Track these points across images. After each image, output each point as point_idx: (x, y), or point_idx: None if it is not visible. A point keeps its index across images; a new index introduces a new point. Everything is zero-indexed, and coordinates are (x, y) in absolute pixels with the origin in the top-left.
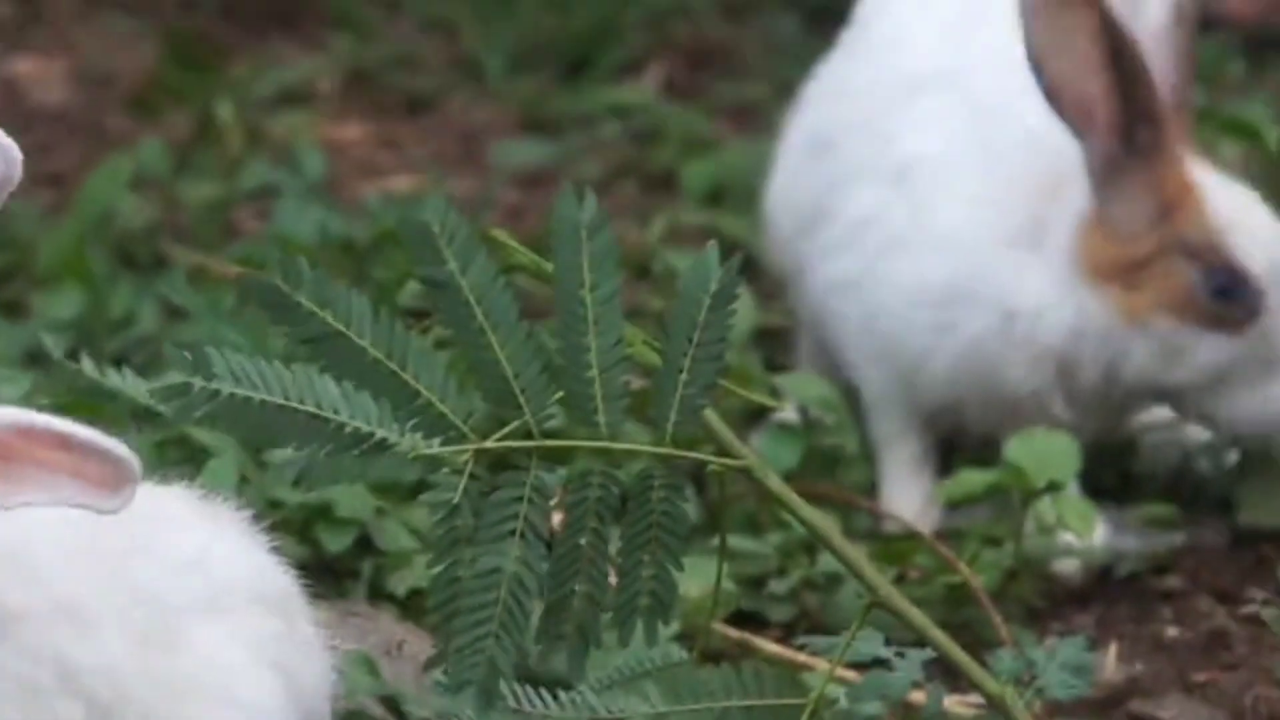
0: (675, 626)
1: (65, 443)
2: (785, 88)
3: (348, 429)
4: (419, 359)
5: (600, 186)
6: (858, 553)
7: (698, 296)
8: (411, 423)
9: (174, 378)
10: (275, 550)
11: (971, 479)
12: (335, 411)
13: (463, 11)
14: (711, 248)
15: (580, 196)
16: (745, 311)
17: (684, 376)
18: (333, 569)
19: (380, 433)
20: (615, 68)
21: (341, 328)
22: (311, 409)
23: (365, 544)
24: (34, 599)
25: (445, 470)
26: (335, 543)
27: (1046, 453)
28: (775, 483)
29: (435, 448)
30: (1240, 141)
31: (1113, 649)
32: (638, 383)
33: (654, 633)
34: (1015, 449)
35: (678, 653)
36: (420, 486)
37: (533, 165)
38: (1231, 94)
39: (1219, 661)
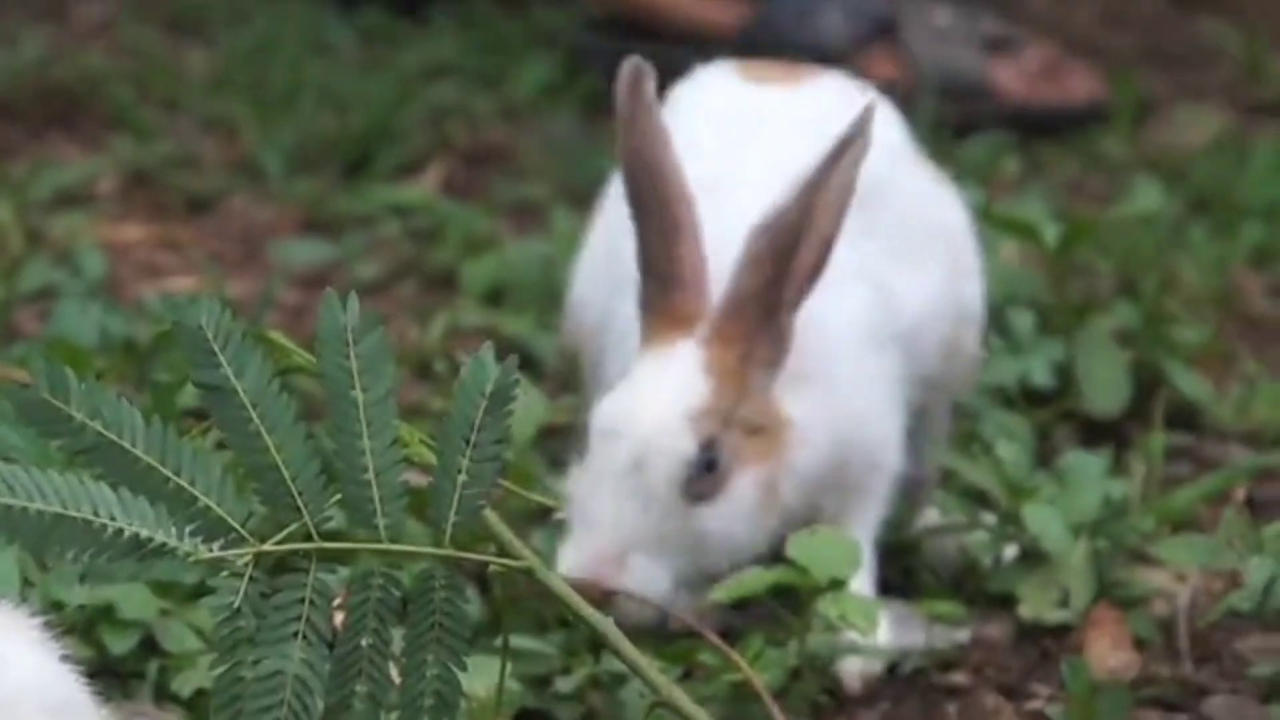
0: None
1: None
2: (564, 187)
3: (125, 534)
4: (194, 463)
5: (380, 285)
6: (640, 652)
7: (474, 396)
8: (190, 527)
9: None
10: (65, 657)
11: (753, 578)
12: (112, 518)
13: (242, 111)
14: (487, 347)
15: (343, 301)
16: (531, 410)
17: (462, 477)
18: (117, 670)
19: (158, 537)
20: (395, 167)
21: (114, 437)
22: (88, 515)
23: (150, 645)
24: None
25: (225, 573)
26: (119, 644)
27: (829, 550)
28: (556, 582)
29: (214, 551)
30: (1019, 239)
31: None
32: (421, 480)
33: None
34: (797, 547)
35: None
36: (203, 587)
37: (314, 265)
38: (1008, 191)
39: None
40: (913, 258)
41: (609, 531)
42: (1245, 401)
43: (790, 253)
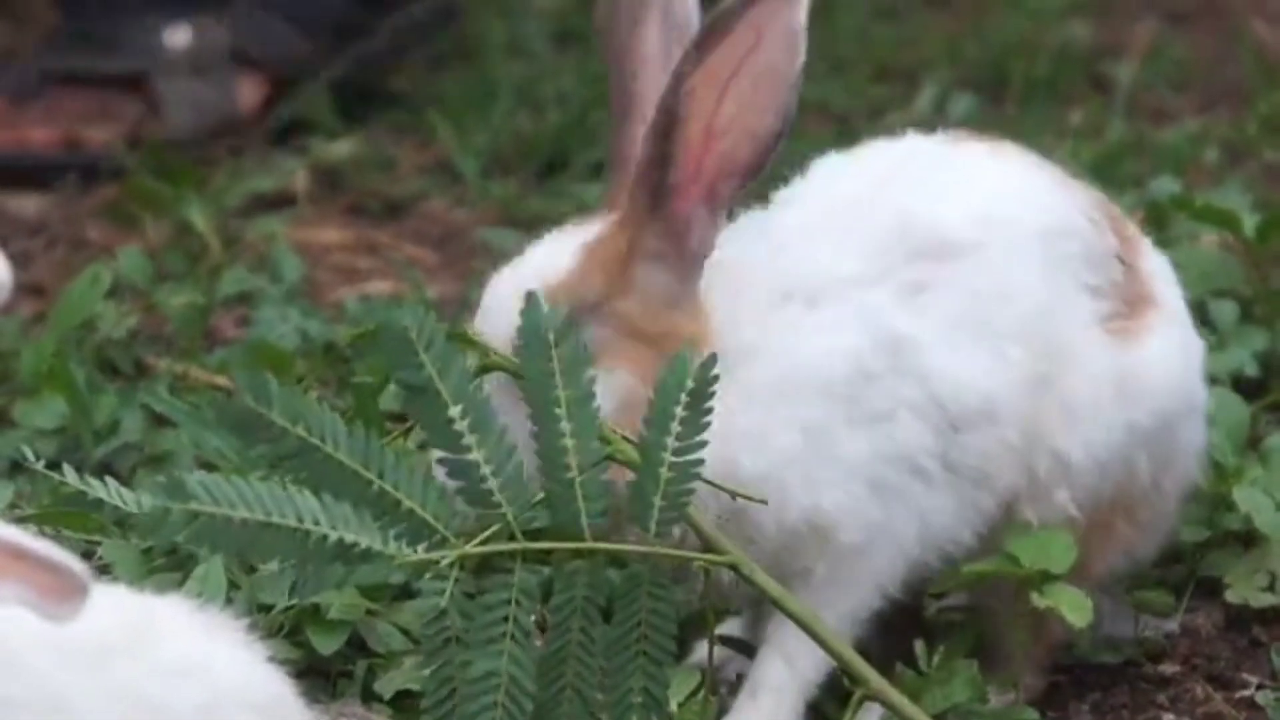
0: None
1: (18, 553)
2: (757, 184)
3: (330, 540)
4: (397, 467)
5: None
6: (844, 644)
7: (674, 393)
8: (394, 530)
9: (151, 505)
10: (270, 658)
11: (967, 570)
12: (316, 523)
13: (437, 115)
14: (688, 345)
15: (552, 304)
16: None
17: (665, 473)
18: (325, 670)
19: (363, 541)
20: (592, 166)
21: (316, 442)
22: (292, 523)
23: (357, 645)
24: (18, 690)
25: (430, 575)
26: (327, 645)
27: (1044, 544)
28: (762, 577)
29: (419, 554)
30: (1219, 228)
31: None
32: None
33: None
34: (1015, 542)
35: None
36: (409, 588)
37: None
38: (1207, 180)
39: None
40: (985, 339)
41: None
42: None
43: (668, 135)
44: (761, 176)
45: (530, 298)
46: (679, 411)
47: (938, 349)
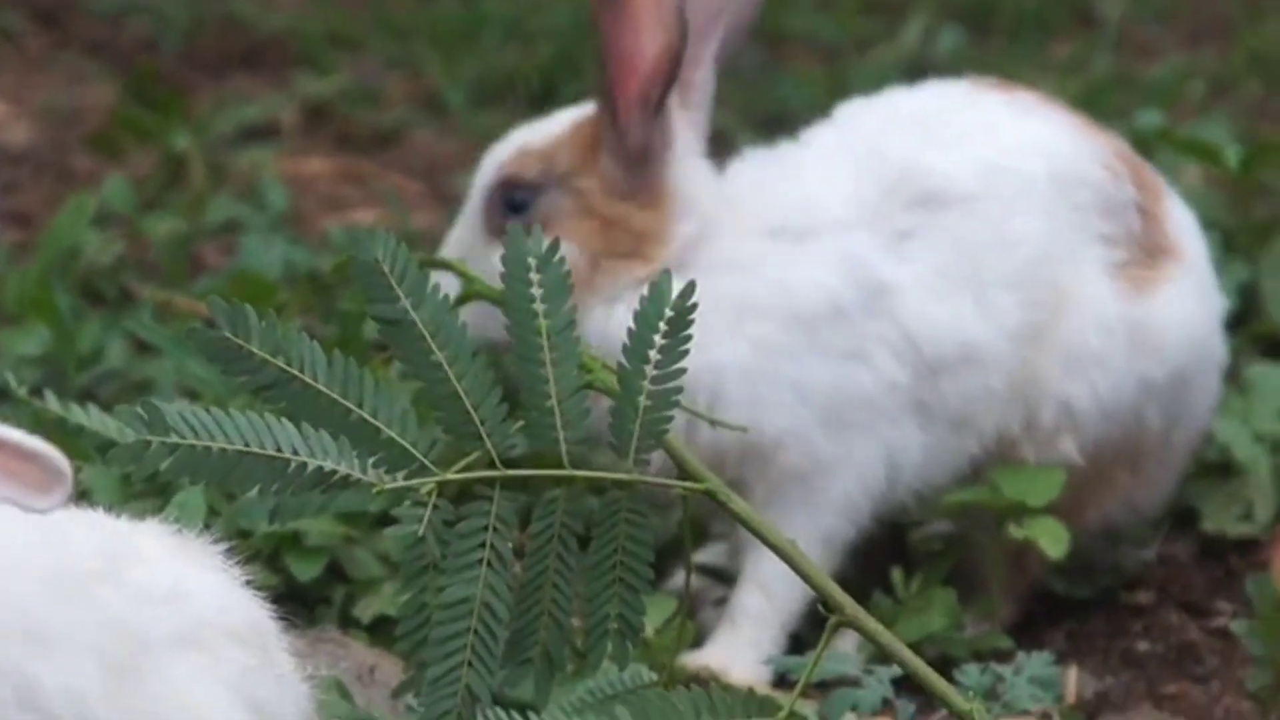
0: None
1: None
2: (748, 115)
3: (309, 468)
4: (376, 395)
5: None
6: (820, 571)
7: (653, 321)
8: (373, 458)
9: (130, 438)
10: (248, 582)
11: (953, 497)
12: (295, 452)
13: (425, 48)
14: (665, 273)
15: (529, 230)
16: None
17: (644, 401)
18: (304, 597)
19: (342, 469)
20: (578, 97)
21: (295, 372)
22: (271, 452)
23: (335, 571)
24: None
25: (409, 503)
26: (305, 571)
27: (1027, 478)
28: (740, 505)
29: (398, 481)
30: (1201, 162)
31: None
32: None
33: (624, 655)
34: (1000, 473)
35: (647, 675)
36: (388, 515)
37: None
38: (1192, 114)
39: (1189, 674)
40: (973, 286)
41: (450, 236)
42: None
43: (604, 41)
44: (708, 94)
45: (513, 229)
46: (658, 340)
47: (919, 295)
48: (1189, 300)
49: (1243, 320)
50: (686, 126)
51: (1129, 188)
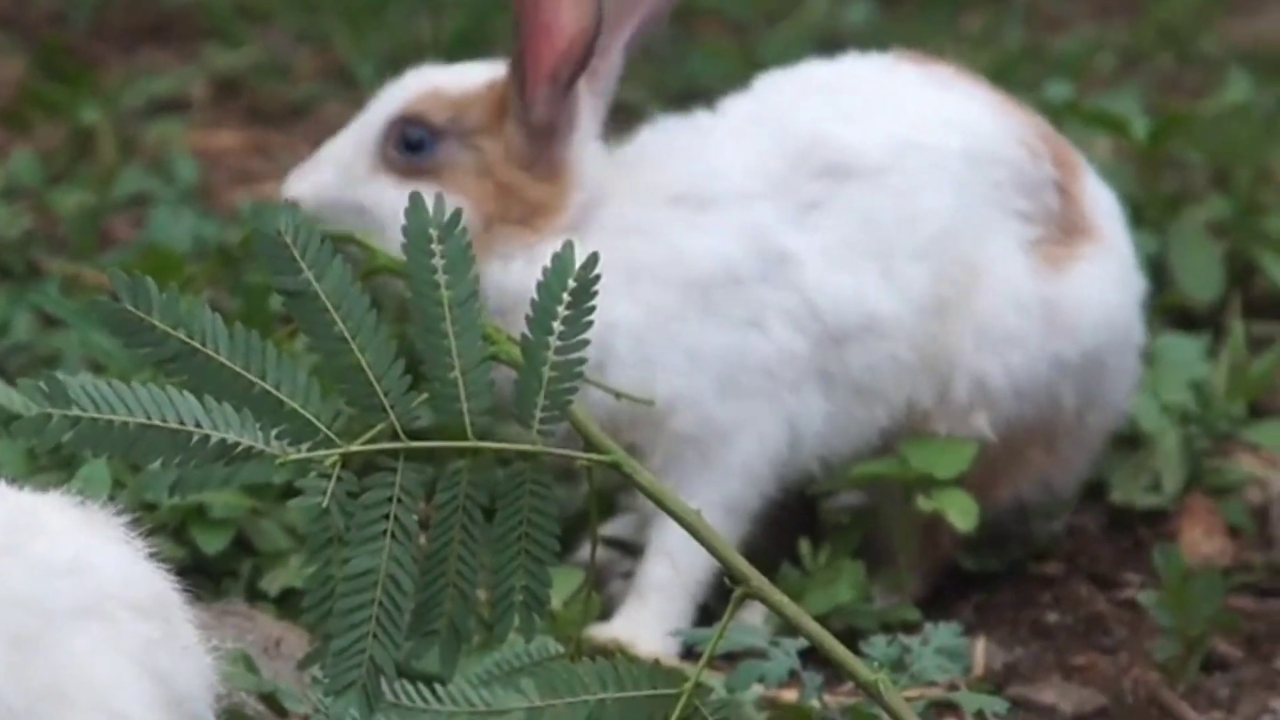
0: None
1: None
2: (658, 89)
3: (212, 441)
4: (279, 368)
5: None
6: (726, 543)
7: (557, 292)
8: (277, 430)
9: (32, 411)
10: (153, 554)
11: (857, 469)
12: (198, 425)
13: (334, 20)
14: (568, 244)
15: (430, 200)
16: None
17: (548, 371)
18: (209, 569)
19: (245, 441)
20: None
21: (197, 345)
22: (174, 425)
23: (242, 544)
24: None
25: (313, 474)
26: (211, 544)
27: (938, 451)
28: (645, 477)
29: (301, 453)
30: (1110, 134)
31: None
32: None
33: (531, 627)
34: (909, 446)
35: (554, 647)
36: (293, 487)
37: None
38: (1103, 86)
39: (1097, 645)
40: (878, 258)
41: (329, 146)
42: None
43: (520, 13)
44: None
45: (414, 197)
46: (561, 310)
47: (822, 265)
48: (1106, 280)
49: (1151, 292)
50: (590, 109)
51: (1047, 166)
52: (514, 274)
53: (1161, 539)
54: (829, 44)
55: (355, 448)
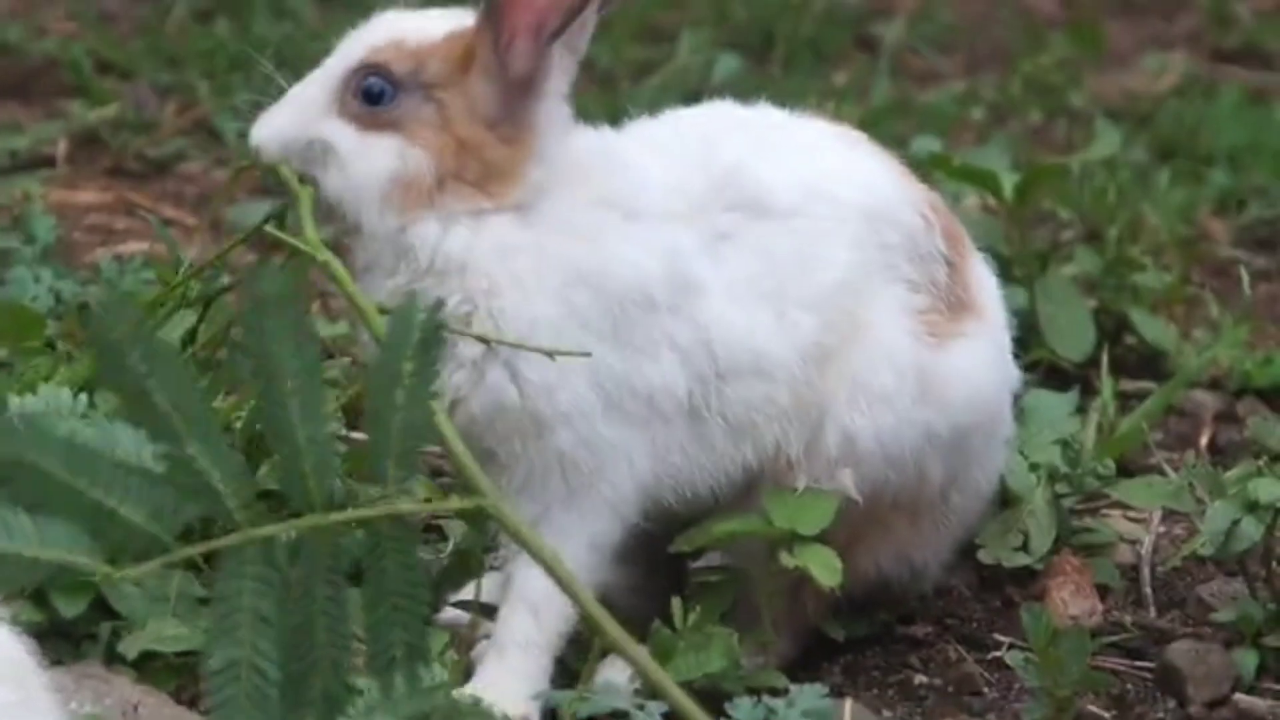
0: None
1: None
2: None
3: (43, 562)
4: (113, 473)
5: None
6: (596, 602)
7: (401, 348)
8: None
9: None
10: (11, 619)
11: (718, 527)
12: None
13: (197, 75)
14: (411, 297)
15: (273, 272)
16: None
17: (398, 429)
18: (68, 633)
19: (79, 561)
20: None
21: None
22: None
23: (101, 607)
24: None
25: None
26: (70, 608)
27: (799, 505)
28: (511, 520)
29: (134, 569)
30: (979, 188)
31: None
32: None
33: (416, 678)
34: (770, 501)
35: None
36: (155, 549)
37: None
38: (972, 139)
39: (966, 707)
40: (774, 299)
41: (294, 89)
42: (1209, 347)
43: None
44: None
45: (256, 271)
46: (408, 367)
47: (723, 298)
48: (983, 361)
49: (1020, 347)
50: (561, 69)
51: (939, 239)
52: (454, 238)
53: (1030, 599)
54: (696, 98)
55: (189, 552)
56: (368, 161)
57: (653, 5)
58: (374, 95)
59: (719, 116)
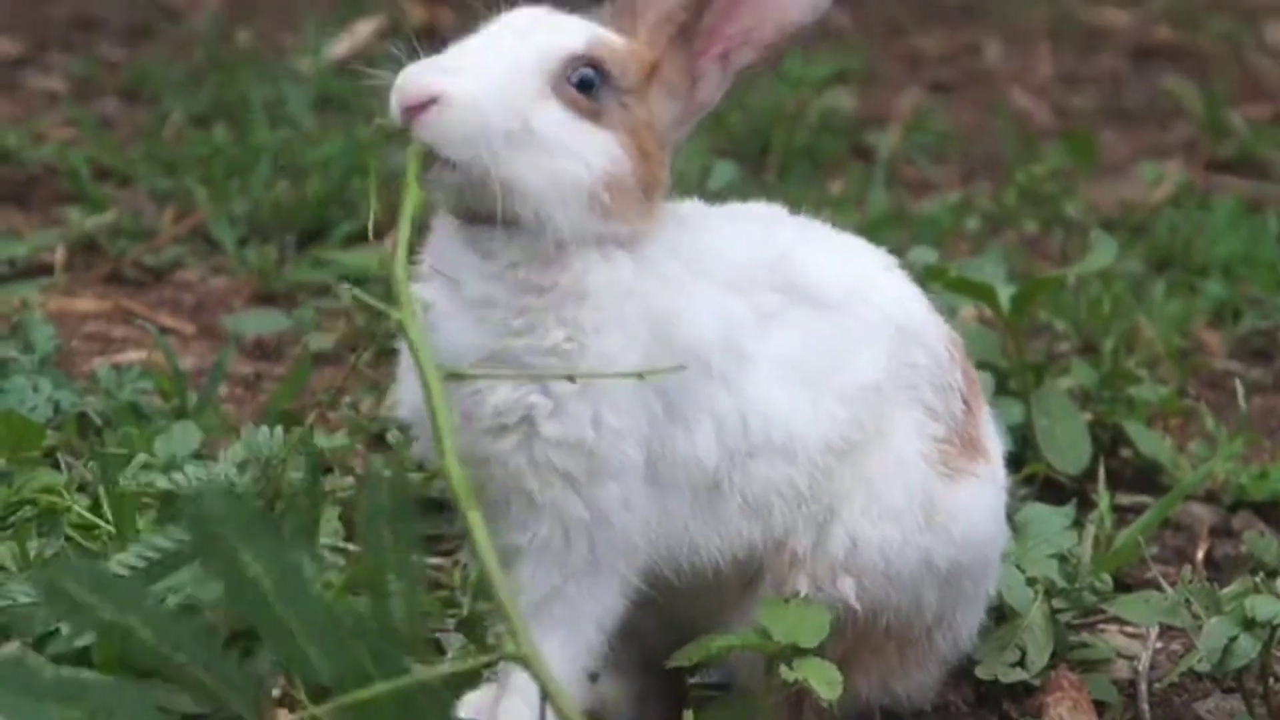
0: None
1: None
2: None
3: None
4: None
5: (334, 355)
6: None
7: (376, 520)
8: None
9: None
10: None
11: (717, 642)
12: None
13: (195, 182)
14: (375, 468)
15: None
16: None
17: (397, 597)
18: None
19: None
20: (350, 235)
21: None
22: None
23: None
24: None
25: None
26: None
27: (795, 618)
28: (515, 613)
29: None
30: (975, 300)
31: None
32: None
33: None
34: (767, 614)
35: None
36: None
37: (268, 335)
38: (967, 250)
39: None
40: (813, 386)
41: (468, 55)
42: (1206, 460)
43: None
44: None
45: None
46: (386, 535)
47: (767, 374)
48: (987, 505)
49: (1017, 461)
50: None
51: (959, 375)
52: (615, 263)
53: (1028, 715)
54: None
55: None
56: (585, 152)
57: None
58: (585, 84)
59: (774, 210)
